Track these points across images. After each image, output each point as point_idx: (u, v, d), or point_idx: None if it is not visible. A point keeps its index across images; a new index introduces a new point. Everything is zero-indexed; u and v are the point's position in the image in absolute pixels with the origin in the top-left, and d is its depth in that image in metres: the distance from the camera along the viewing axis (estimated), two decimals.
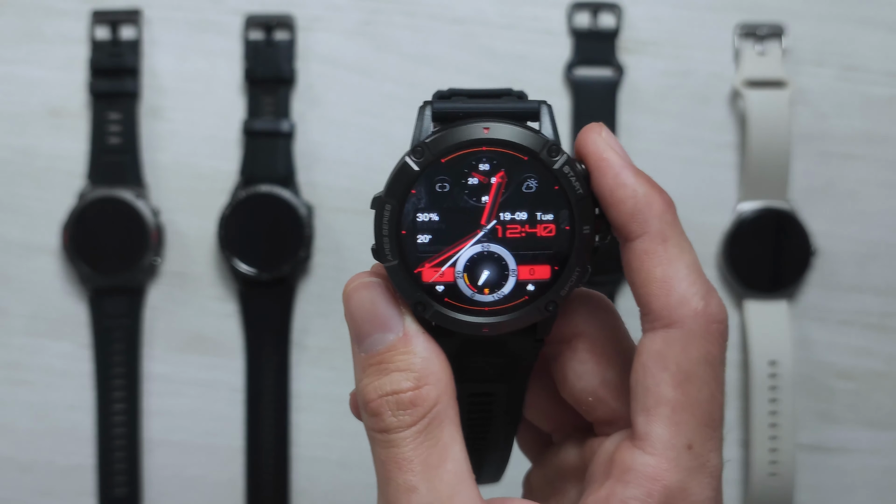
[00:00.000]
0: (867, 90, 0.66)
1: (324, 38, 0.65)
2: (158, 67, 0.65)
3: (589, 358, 0.33)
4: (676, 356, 0.30)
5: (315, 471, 0.65)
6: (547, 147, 0.30)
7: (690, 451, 0.29)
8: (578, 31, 0.65)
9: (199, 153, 0.65)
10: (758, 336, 0.64)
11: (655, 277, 0.30)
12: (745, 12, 0.65)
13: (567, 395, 0.34)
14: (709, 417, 0.30)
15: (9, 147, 0.65)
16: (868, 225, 0.66)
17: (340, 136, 0.65)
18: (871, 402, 0.66)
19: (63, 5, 0.65)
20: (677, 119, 0.65)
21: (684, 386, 0.29)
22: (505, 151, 0.30)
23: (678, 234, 0.31)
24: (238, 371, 0.65)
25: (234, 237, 0.63)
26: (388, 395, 0.30)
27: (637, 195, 0.30)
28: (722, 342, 0.30)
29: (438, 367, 0.30)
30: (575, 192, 0.30)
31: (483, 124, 0.30)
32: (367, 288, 0.31)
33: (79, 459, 0.65)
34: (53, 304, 0.65)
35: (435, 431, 0.30)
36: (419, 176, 0.30)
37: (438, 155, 0.30)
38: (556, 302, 0.31)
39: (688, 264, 0.30)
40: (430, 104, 0.31)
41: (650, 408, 0.30)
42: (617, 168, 0.30)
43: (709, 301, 0.30)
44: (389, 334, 0.31)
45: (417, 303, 0.31)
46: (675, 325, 0.30)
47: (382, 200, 0.30)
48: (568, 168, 0.30)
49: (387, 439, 0.30)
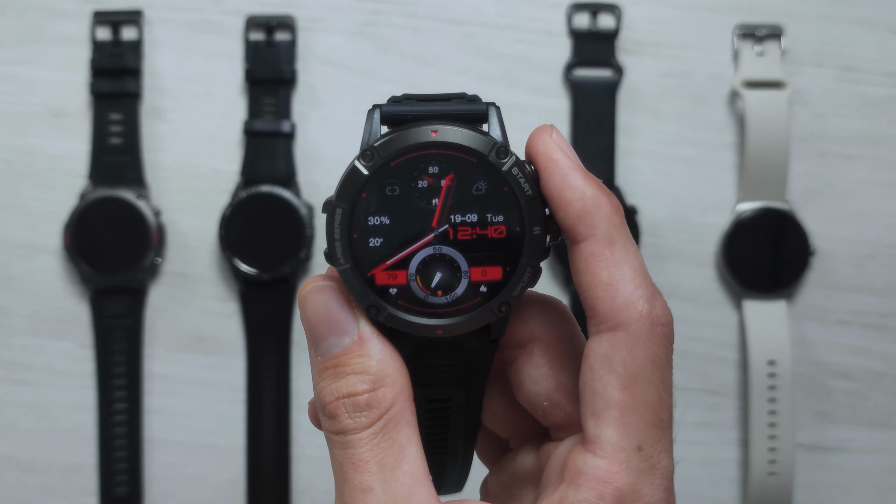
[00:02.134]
0: (866, 91, 0.66)
1: (324, 39, 0.65)
2: (159, 68, 0.65)
3: (544, 362, 0.33)
4: (622, 358, 0.30)
5: (315, 471, 0.66)
6: (495, 149, 0.30)
7: (640, 453, 0.30)
8: (578, 31, 0.65)
9: (200, 154, 0.65)
10: (757, 336, 0.64)
11: (601, 280, 0.30)
12: (744, 13, 0.66)
13: (523, 399, 0.34)
14: (657, 419, 0.30)
15: (10, 147, 0.65)
16: (866, 225, 0.66)
17: (341, 136, 0.65)
18: (869, 402, 0.66)
19: (64, 6, 0.65)
20: (677, 119, 0.66)
21: (631, 388, 0.30)
22: (453, 154, 0.30)
23: (625, 238, 0.30)
24: (239, 371, 0.65)
25: (234, 237, 0.63)
26: (345, 397, 0.30)
27: (585, 197, 0.30)
28: (667, 344, 0.30)
29: (394, 369, 0.31)
30: (524, 194, 0.30)
31: (431, 127, 0.30)
32: (320, 292, 0.31)
33: (80, 459, 0.65)
34: (55, 303, 0.65)
35: (391, 433, 0.30)
36: (369, 179, 0.30)
37: (387, 158, 0.30)
38: (508, 303, 0.31)
39: (633, 267, 0.30)
40: (378, 107, 0.31)
41: (598, 411, 0.30)
42: (565, 169, 0.30)
43: (654, 304, 0.30)
44: (344, 337, 0.31)
45: (371, 305, 0.31)
46: (621, 328, 0.30)
47: (333, 204, 0.30)
48: (516, 169, 0.30)
49: (343, 440, 0.30)
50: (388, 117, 0.31)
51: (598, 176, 0.31)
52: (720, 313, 0.66)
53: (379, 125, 0.31)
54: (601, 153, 0.65)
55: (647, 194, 0.65)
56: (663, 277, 0.65)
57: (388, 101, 0.32)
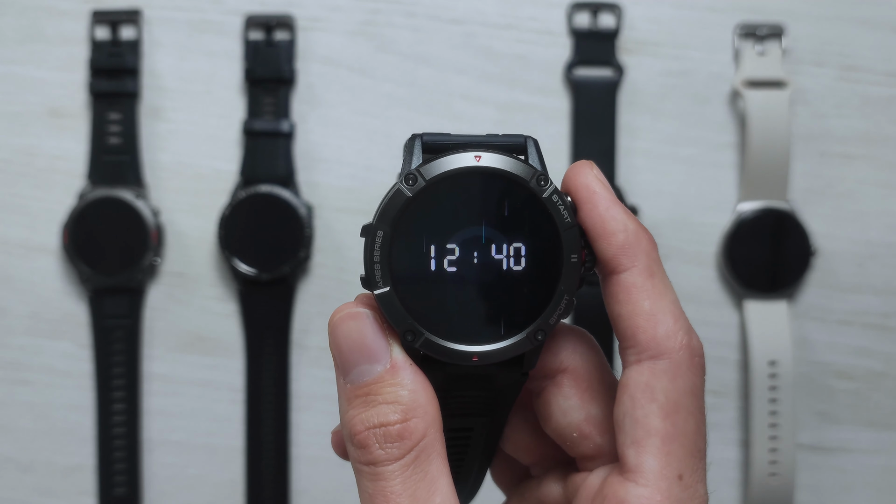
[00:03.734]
0: (867, 90, 0.66)
1: (324, 39, 0.65)
2: (158, 67, 0.65)
3: (573, 394, 0.33)
4: (664, 387, 0.30)
5: (315, 471, 0.65)
6: (536, 176, 0.31)
7: (681, 482, 0.30)
8: (578, 31, 0.65)
9: (200, 153, 0.65)
10: (758, 336, 0.64)
11: (644, 310, 0.30)
12: (744, 12, 0.65)
13: (551, 430, 0.34)
14: (695, 448, 0.30)
15: (9, 147, 0.65)
16: (867, 225, 0.66)
17: (340, 136, 0.65)
18: (870, 402, 0.66)
19: (63, 5, 0.65)
20: (677, 119, 0.65)
21: (673, 417, 0.30)
22: (496, 180, 0.31)
23: (662, 272, 0.31)
24: (238, 371, 0.65)
25: (234, 237, 0.63)
26: (376, 427, 0.30)
27: (628, 229, 0.31)
28: (702, 375, 0.31)
29: (426, 399, 0.30)
30: (563, 221, 0.31)
31: (474, 153, 0.31)
32: (354, 318, 0.31)
33: (79, 459, 0.65)
34: (53, 304, 0.65)
35: (423, 465, 0.30)
36: (411, 202, 0.30)
37: (431, 182, 0.30)
38: (545, 330, 0.31)
39: (672, 300, 0.31)
40: (420, 136, 0.32)
41: (640, 439, 0.30)
42: (608, 202, 0.31)
43: (691, 335, 0.31)
44: (377, 365, 0.30)
45: (408, 330, 0.30)
46: (663, 357, 0.30)
47: (374, 227, 0.30)
48: (556, 197, 0.31)
49: (374, 472, 0.30)
50: (430, 145, 0.31)
51: None
52: (721, 313, 0.66)
53: (421, 152, 0.31)
54: (602, 153, 0.64)
55: (647, 194, 0.65)
56: None
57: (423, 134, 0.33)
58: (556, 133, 0.65)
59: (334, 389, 0.69)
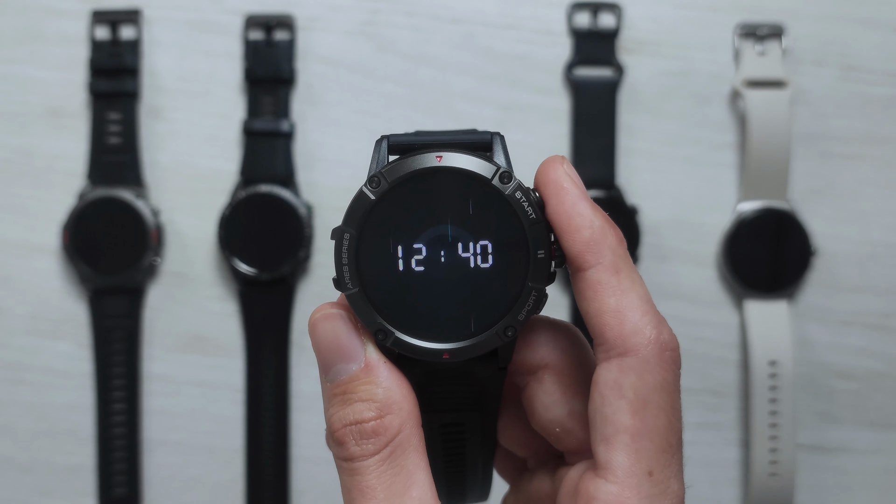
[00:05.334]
0: (867, 90, 0.66)
1: (324, 38, 0.65)
2: (158, 67, 0.65)
3: (555, 389, 0.33)
4: (633, 384, 0.30)
5: (315, 471, 0.65)
6: (499, 174, 0.31)
7: (651, 478, 0.30)
8: (578, 31, 0.65)
9: (199, 153, 0.65)
10: (758, 336, 0.64)
11: (609, 307, 0.30)
12: (745, 12, 0.65)
13: (536, 425, 0.34)
14: (667, 443, 0.30)
15: (8, 147, 0.65)
16: (868, 225, 0.66)
17: (340, 136, 0.65)
18: (871, 403, 0.66)
19: (63, 5, 0.65)
20: (677, 119, 0.65)
21: (641, 413, 0.30)
22: (458, 179, 0.31)
23: (629, 267, 0.31)
24: (238, 371, 0.65)
25: (233, 237, 0.63)
26: (351, 424, 0.31)
27: (594, 226, 0.31)
28: (675, 369, 0.31)
29: (401, 396, 0.31)
30: (528, 217, 0.31)
31: (437, 153, 0.31)
32: (329, 319, 0.32)
33: (79, 459, 0.65)
34: (53, 304, 0.65)
35: (399, 459, 0.31)
36: (375, 204, 0.31)
37: (394, 183, 0.31)
38: (514, 326, 0.31)
39: (640, 295, 0.31)
40: (386, 137, 0.32)
41: (609, 436, 0.30)
42: (575, 198, 0.31)
43: (661, 330, 0.31)
44: (352, 364, 0.31)
45: (378, 330, 0.31)
46: (630, 354, 0.30)
47: (341, 230, 0.31)
48: (520, 193, 0.31)
49: (351, 467, 0.31)
50: (396, 146, 0.32)
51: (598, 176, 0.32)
52: (721, 313, 0.66)
53: (387, 154, 0.32)
54: (602, 153, 0.64)
55: (647, 194, 0.65)
56: (664, 277, 0.65)
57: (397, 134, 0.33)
58: (556, 133, 0.65)
59: None
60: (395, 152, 0.32)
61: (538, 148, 0.65)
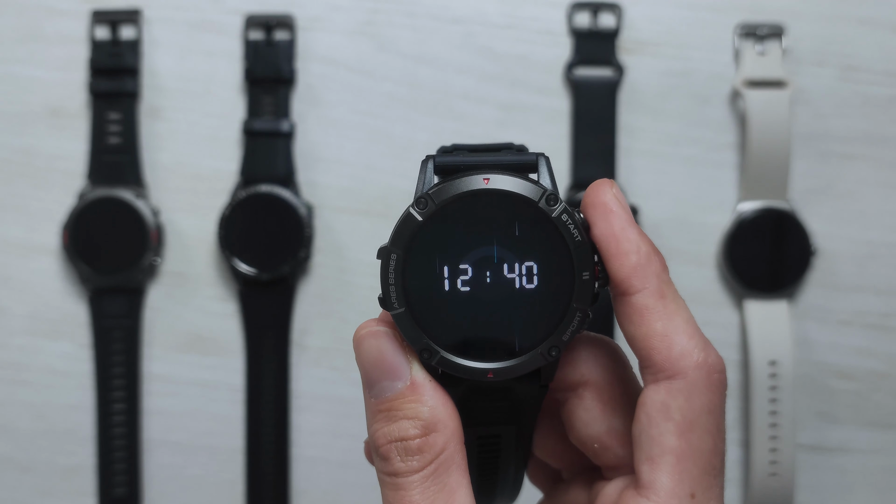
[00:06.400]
0: (867, 90, 0.66)
1: (324, 38, 0.65)
2: (158, 67, 0.65)
3: (595, 406, 0.34)
4: (680, 406, 0.31)
5: (315, 471, 0.65)
6: (545, 196, 0.31)
7: (693, 500, 0.30)
8: (578, 31, 0.65)
9: (199, 153, 0.65)
10: (758, 336, 0.64)
11: (656, 331, 0.31)
12: (745, 12, 0.65)
13: (574, 439, 0.35)
14: (710, 466, 0.31)
15: (8, 147, 0.65)
16: (868, 225, 0.66)
17: (340, 136, 0.65)
18: (871, 403, 0.66)
19: (63, 5, 0.65)
20: (677, 119, 0.65)
21: (687, 435, 0.30)
22: (505, 201, 0.31)
23: (673, 291, 0.32)
24: (238, 371, 0.65)
25: (234, 237, 0.63)
26: (397, 440, 0.31)
27: (640, 251, 0.31)
28: (722, 391, 0.31)
29: (446, 414, 0.31)
30: (573, 239, 0.31)
31: (483, 175, 0.31)
32: (374, 336, 0.32)
33: (79, 459, 0.65)
34: (53, 304, 0.65)
35: (442, 476, 0.31)
36: (423, 225, 0.31)
37: (441, 205, 0.31)
38: (558, 347, 0.31)
39: (685, 319, 0.31)
40: (432, 158, 0.32)
41: (654, 457, 0.31)
42: (624, 222, 0.31)
43: (708, 352, 0.31)
44: (397, 382, 0.32)
45: (423, 349, 0.31)
46: (679, 377, 0.31)
47: (388, 250, 0.31)
48: (566, 216, 0.31)
49: (395, 482, 0.31)
50: (442, 167, 0.32)
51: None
52: (721, 313, 0.66)
53: (433, 175, 0.32)
54: (602, 153, 0.64)
55: (647, 194, 0.65)
56: None
57: (439, 151, 0.34)
58: (556, 133, 0.65)
59: (334, 390, 0.70)
60: (440, 173, 0.32)
61: (538, 148, 0.65)
